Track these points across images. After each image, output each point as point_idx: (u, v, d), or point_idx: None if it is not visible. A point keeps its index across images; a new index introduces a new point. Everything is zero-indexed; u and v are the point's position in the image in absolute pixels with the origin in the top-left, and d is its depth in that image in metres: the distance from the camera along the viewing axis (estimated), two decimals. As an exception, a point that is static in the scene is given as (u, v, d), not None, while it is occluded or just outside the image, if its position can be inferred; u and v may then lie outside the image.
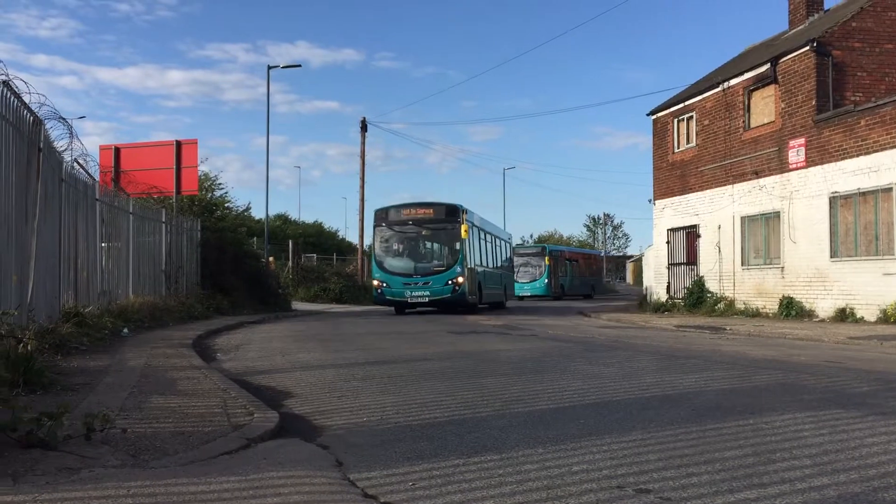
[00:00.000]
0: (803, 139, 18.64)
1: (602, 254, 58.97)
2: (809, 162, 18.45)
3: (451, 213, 24.13)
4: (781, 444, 4.48)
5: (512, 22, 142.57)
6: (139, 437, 4.66)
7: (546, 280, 44.24)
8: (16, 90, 8.73)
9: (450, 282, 23.43)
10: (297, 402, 6.45)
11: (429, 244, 25.69)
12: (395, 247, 25.03)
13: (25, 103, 9.22)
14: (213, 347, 12.14)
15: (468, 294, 23.97)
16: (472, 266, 24.68)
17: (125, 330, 12.65)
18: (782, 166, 19.38)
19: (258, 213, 40.23)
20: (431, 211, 24.62)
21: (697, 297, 22.34)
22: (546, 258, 44.60)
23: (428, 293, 23.46)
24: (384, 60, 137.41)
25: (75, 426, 4.57)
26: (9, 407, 4.69)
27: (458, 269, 23.55)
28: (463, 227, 23.63)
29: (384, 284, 24.02)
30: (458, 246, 23.87)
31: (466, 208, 24.53)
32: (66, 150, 11.82)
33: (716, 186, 22.32)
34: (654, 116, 26.04)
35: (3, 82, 8.27)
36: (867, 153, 16.62)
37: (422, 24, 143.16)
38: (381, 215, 25.01)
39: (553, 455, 4.27)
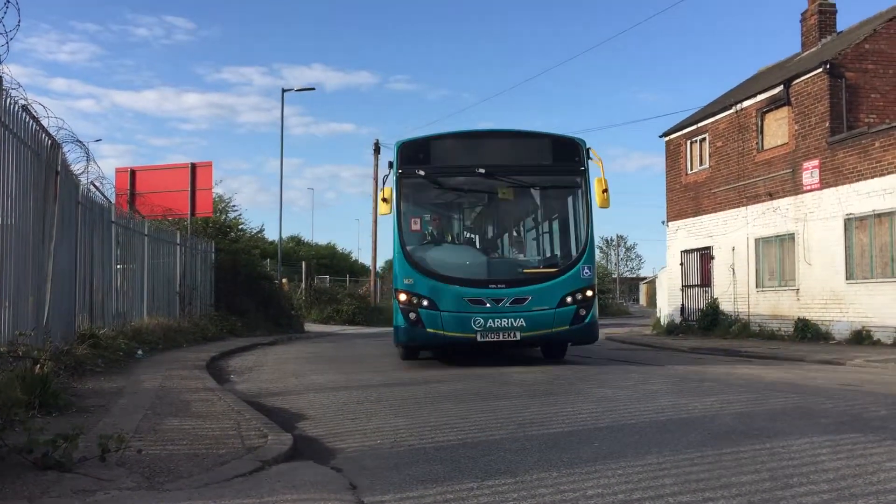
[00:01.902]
0: (817, 161, 18.58)
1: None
2: (824, 184, 18.37)
3: (566, 154, 12.44)
4: (799, 468, 4.44)
5: (525, 45, 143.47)
6: (154, 459, 4.67)
7: None
8: (34, 114, 8.86)
9: (572, 297, 11.69)
10: (311, 424, 6.46)
11: (519, 218, 13.92)
12: (446, 222, 13.81)
13: (44, 127, 9.35)
14: (227, 369, 12.17)
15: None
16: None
17: (140, 352, 12.69)
18: (796, 188, 19.30)
19: (272, 235, 40.48)
20: (526, 146, 12.88)
21: (712, 320, 22.18)
22: None
23: (522, 322, 11.44)
24: (399, 83, 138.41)
25: (91, 448, 4.59)
26: (25, 429, 4.72)
27: (587, 271, 11.95)
28: (598, 185, 12.12)
29: (424, 303, 11.50)
30: (582, 222, 12.28)
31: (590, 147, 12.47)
32: (82, 172, 11.98)
33: (729, 208, 22.24)
34: (667, 138, 26.03)
35: (23, 107, 8.39)
36: (882, 175, 16.54)
37: (436, 48, 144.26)
38: (416, 153, 12.37)
39: (567, 479, 4.25)
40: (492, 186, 12.49)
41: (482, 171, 12.15)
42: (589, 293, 11.84)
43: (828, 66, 18.29)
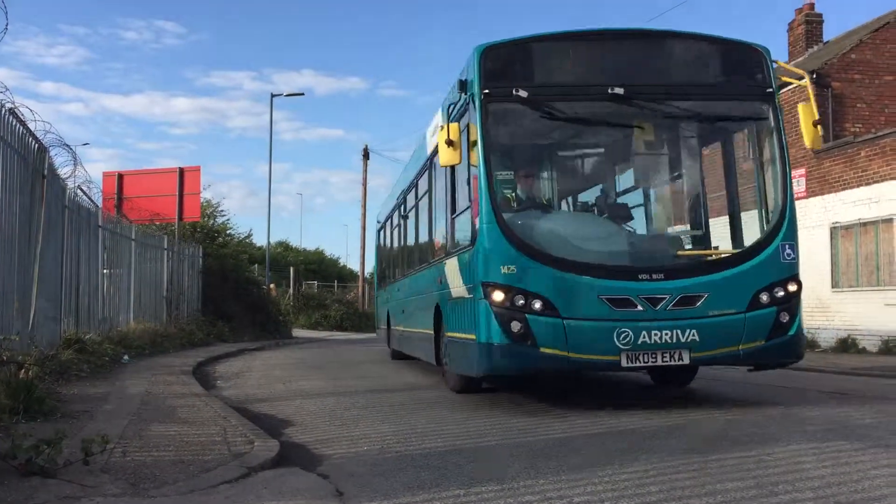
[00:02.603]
0: (803, 169, 18.71)
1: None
2: (810, 192, 18.50)
3: (745, 68, 7.82)
4: (784, 475, 4.46)
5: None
6: (139, 465, 4.64)
7: None
8: (21, 118, 8.83)
9: (768, 295, 7.18)
10: (298, 430, 6.43)
11: (674, 168, 9.23)
12: (560, 176, 9.72)
13: (31, 131, 9.31)
14: (214, 374, 12.12)
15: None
16: None
17: (126, 357, 12.62)
18: (783, 196, 19.42)
19: (260, 240, 40.34)
20: (682, 55, 7.91)
21: (699, 327, 22.26)
22: None
23: (694, 334, 6.90)
24: (389, 89, 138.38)
25: (76, 454, 4.56)
26: (8, 434, 4.68)
27: (789, 252, 7.36)
28: (803, 114, 7.80)
29: (536, 305, 6.80)
30: (774, 174, 7.83)
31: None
32: (69, 176, 11.92)
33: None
34: (654, 146, 26.14)
35: (10, 110, 8.36)
36: (867, 184, 16.67)
37: (426, 54, 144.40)
38: (509, 63, 7.43)
39: (554, 486, 4.25)
40: (629, 118, 7.80)
41: (619, 91, 7.38)
42: (792, 287, 7.33)
43: (814, 76, 18.42)
